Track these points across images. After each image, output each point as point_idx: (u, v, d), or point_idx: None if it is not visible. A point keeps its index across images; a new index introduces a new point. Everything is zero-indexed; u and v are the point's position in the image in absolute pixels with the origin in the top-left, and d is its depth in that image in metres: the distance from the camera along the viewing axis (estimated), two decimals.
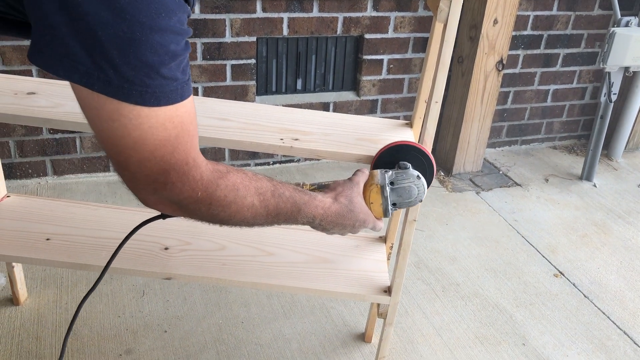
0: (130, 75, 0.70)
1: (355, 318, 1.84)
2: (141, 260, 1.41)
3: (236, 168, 0.90)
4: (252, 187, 0.91)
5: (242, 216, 0.91)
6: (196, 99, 1.44)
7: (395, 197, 1.12)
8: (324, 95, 2.68)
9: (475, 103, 2.67)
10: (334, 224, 1.06)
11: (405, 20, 2.60)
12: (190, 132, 0.79)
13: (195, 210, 0.85)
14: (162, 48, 0.71)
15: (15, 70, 2.19)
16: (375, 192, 1.10)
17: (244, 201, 0.89)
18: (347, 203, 1.06)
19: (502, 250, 2.25)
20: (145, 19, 0.69)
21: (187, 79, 0.77)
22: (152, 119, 0.73)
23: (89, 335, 1.68)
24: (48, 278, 1.88)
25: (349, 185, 1.09)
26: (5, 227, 1.49)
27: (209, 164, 0.84)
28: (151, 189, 0.80)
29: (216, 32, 2.36)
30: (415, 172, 1.14)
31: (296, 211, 0.99)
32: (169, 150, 0.76)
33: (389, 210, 1.12)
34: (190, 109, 0.79)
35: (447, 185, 2.70)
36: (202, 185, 0.82)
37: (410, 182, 1.12)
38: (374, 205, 1.10)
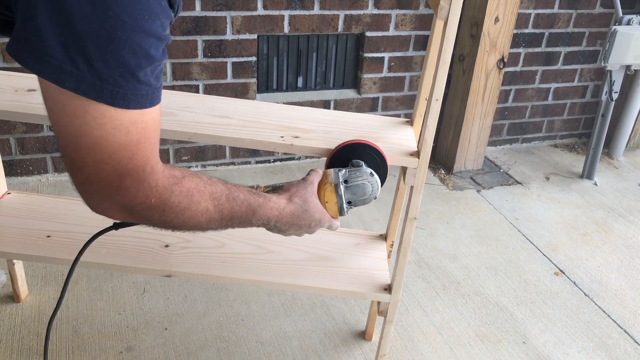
0: (105, 73, 0.69)
1: (356, 316, 1.84)
2: (142, 258, 1.41)
3: (192, 172, 0.89)
4: (207, 192, 0.89)
5: (196, 222, 0.90)
6: (196, 96, 1.44)
7: (349, 195, 1.13)
8: (324, 93, 2.68)
9: (476, 101, 2.67)
10: (290, 225, 1.05)
11: (406, 18, 2.60)
12: (152, 139, 0.78)
13: (148, 216, 0.84)
14: (141, 51, 0.70)
15: (16, 67, 2.19)
16: (329, 191, 1.10)
17: (198, 207, 0.88)
18: (301, 203, 1.05)
19: (503, 249, 2.25)
20: (129, 19, 0.68)
21: (159, 85, 0.76)
22: (116, 121, 0.72)
23: (90, 332, 1.68)
24: (49, 275, 1.88)
25: (303, 185, 1.09)
26: (6, 224, 1.49)
27: (165, 169, 0.83)
28: (105, 194, 0.77)
29: (217, 30, 2.36)
30: (368, 169, 1.14)
31: (251, 214, 0.98)
32: (127, 155, 0.75)
33: (344, 209, 1.11)
34: (156, 116, 0.77)
35: (447, 184, 2.70)
36: (157, 192, 0.81)
37: (363, 180, 1.13)
38: (329, 204, 1.10)
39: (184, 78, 2.42)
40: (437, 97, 1.22)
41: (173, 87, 2.41)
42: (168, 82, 2.40)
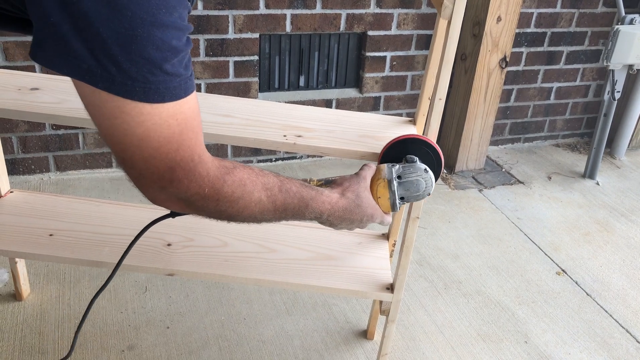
0: (133, 71, 0.69)
1: (358, 315, 1.84)
2: (144, 257, 1.41)
3: (242, 164, 0.90)
4: (259, 183, 0.91)
5: (250, 211, 0.91)
6: (199, 95, 1.44)
7: (402, 191, 1.12)
8: (326, 92, 2.68)
9: (478, 100, 2.67)
10: (342, 219, 1.05)
11: (408, 17, 2.60)
12: (195, 128, 0.79)
13: (203, 206, 0.85)
14: (164, 44, 0.71)
15: (19, 66, 2.19)
16: (382, 186, 1.09)
17: (251, 196, 0.89)
18: (354, 198, 1.06)
19: (505, 248, 2.25)
20: (146, 15, 0.68)
21: (189, 74, 0.76)
22: (155, 116, 0.73)
23: (92, 331, 1.68)
24: (51, 274, 1.89)
25: (356, 180, 1.09)
26: (9, 222, 1.49)
27: (215, 160, 0.84)
28: (158, 187, 0.79)
29: (219, 29, 2.36)
30: (422, 165, 1.13)
31: (304, 207, 0.99)
32: (173, 147, 0.76)
33: (397, 205, 1.11)
34: (194, 105, 0.78)
35: (449, 183, 2.70)
36: (209, 182, 0.82)
37: (417, 176, 1.12)
38: (382, 199, 1.10)
39: None
40: (440, 97, 1.22)
41: None
42: None
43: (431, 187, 1.14)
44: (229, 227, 1.57)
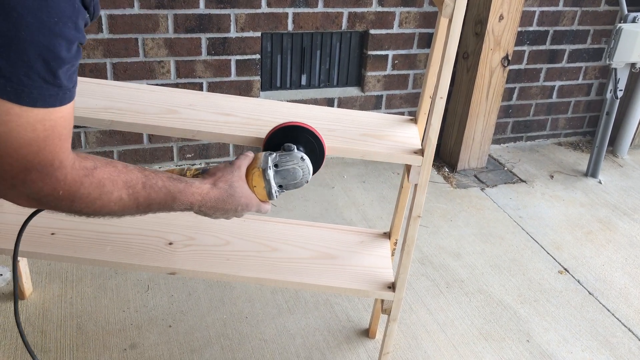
0: (7, 71, 0.69)
1: (359, 314, 1.84)
2: (146, 256, 1.42)
3: (107, 161, 0.89)
4: (121, 181, 0.90)
5: (109, 210, 0.91)
6: (201, 94, 1.44)
7: (280, 179, 1.12)
8: (328, 91, 2.68)
9: (480, 99, 2.66)
10: (215, 209, 1.05)
11: (410, 15, 2.59)
12: (63, 135, 0.78)
13: (57, 206, 0.85)
14: (48, 52, 0.71)
15: None
16: (257, 175, 1.09)
17: (110, 196, 0.89)
18: (227, 188, 1.05)
19: (507, 247, 2.25)
20: (34, 20, 0.69)
21: (72, 86, 0.76)
22: (22, 118, 0.72)
23: (94, 329, 1.69)
24: (53, 272, 1.89)
25: (229, 169, 1.08)
26: (10, 221, 1.49)
27: (76, 161, 0.83)
28: (9, 184, 0.78)
29: (221, 27, 2.36)
30: (299, 153, 1.13)
31: (171, 200, 0.98)
32: (33, 150, 0.75)
33: (273, 193, 1.11)
34: (67, 114, 0.78)
35: (451, 182, 2.70)
36: (65, 185, 0.81)
37: (294, 164, 1.12)
38: (257, 188, 1.10)
39: (187, 76, 2.42)
40: (442, 95, 1.22)
41: (177, 85, 2.41)
42: (172, 80, 2.40)
43: (309, 175, 1.14)
44: (231, 226, 1.57)
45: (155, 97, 1.39)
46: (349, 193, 2.51)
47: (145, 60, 2.33)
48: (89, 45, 2.23)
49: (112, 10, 2.20)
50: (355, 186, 2.57)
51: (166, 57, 2.35)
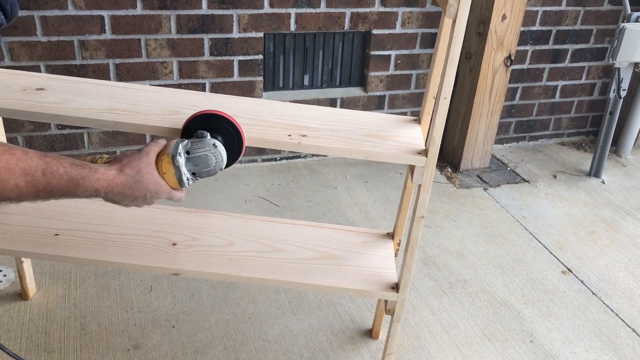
0: None
1: (363, 314, 1.84)
2: (149, 256, 1.42)
3: (4, 148, 0.89)
4: (18, 169, 0.90)
5: (6, 197, 0.91)
6: (204, 94, 1.44)
7: (192, 166, 1.11)
8: (331, 91, 2.67)
9: (483, 99, 2.66)
10: (123, 196, 1.04)
11: (413, 15, 2.59)
12: None
13: None
14: None
15: (24, 65, 2.20)
16: (167, 162, 1.07)
17: (5, 185, 0.89)
18: (133, 174, 1.03)
19: (510, 247, 2.25)
20: None
21: None
22: None
23: (97, 330, 1.69)
24: (56, 273, 1.89)
25: (137, 156, 1.06)
26: (15, 222, 1.49)
27: None
28: None
29: (223, 28, 2.36)
30: (212, 140, 1.12)
31: (74, 186, 0.97)
32: None
33: (184, 181, 1.09)
34: None
35: (454, 182, 2.69)
36: None
37: (206, 151, 1.11)
38: (167, 175, 1.07)
39: (190, 76, 2.42)
40: (445, 96, 1.22)
41: (179, 85, 2.41)
42: (174, 80, 2.40)
43: (222, 162, 1.13)
44: (234, 227, 1.57)
45: (158, 98, 1.39)
46: (351, 193, 2.51)
47: (148, 61, 2.33)
48: (91, 46, 2.24)
49: (114, 11, 2.20)
50: (358, 186, 2.57)
51: (169, 58, 2.35)
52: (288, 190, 2.51)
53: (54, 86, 1.39)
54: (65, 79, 1.44)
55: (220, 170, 1.14)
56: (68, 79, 1.44)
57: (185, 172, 1.09)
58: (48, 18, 2.15)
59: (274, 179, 2.58)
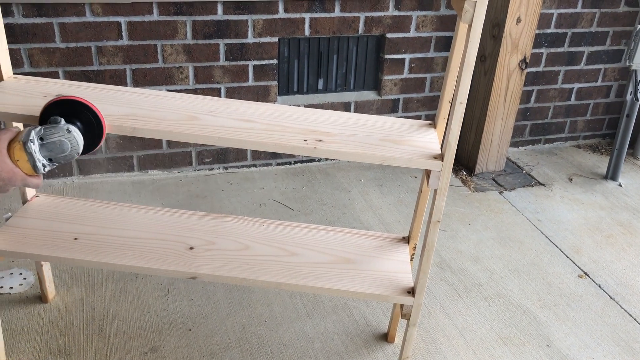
0: None
1: (378, 318, 1.84)
2: (167, 260, 1.43)
3: None
4: None
5: None
6: (220, 100, 1.46)
7: (46, 152, 1.11)
8: (345, 95, 2.68)
9: (498, 102, 2.65)
10: None
11: (427, 19, 2.59)
12: None
13: None
14: None
15: (43, 72, 2.23)
16: (18, 149, 1.08)
17: None
18: None
19: (526, 251, 2.24)
20: None
21: None
22: None
23: (115, 332, 1.71)
24: (75, 276, 1.92)
25: None
26: (35, 226, 1.52)
27: None
28: None
29: (239, 33, 2.38)
30: (66, 126, 1.13)
31: None
32: None
33: (39, 167, 1.10)
34: None
35: (469, 185, 2.69)
36: None
37: (60, 137, 1.11)
38: (20, 162, 1.08)
39: (205, 81, 2.44)
40: (461, 100, 1.22)
41: (195, 90, 2.43)
42: (190, 85, 2.43)
43: (78, 147, 1.14)
44: (250, 231, 1.58)
45: (176, 103, 1.41)
46: (366, 197, 2.52)
47: (164, 66, 2.36)
48: (109, 52, 2.26)
49: (131, 17, 2.23)
50: (373, 190, 2.57)
51: (185, 63, 2.37)
52: (302, 193, 2.52)
53: (74, 92, 1.41)
54: (85, 86, 1.46)
55: (78, 154, 1.15)
56: (88, 86, 1.46)
57: (40, 159, 1.10)
58: (66, 25, 2.18)
59: (289, 183, 2.59)
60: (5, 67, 1.44)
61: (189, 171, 2.61)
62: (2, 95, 1.36)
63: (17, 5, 2.10)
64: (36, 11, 2.13)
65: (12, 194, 2.31)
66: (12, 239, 1.46)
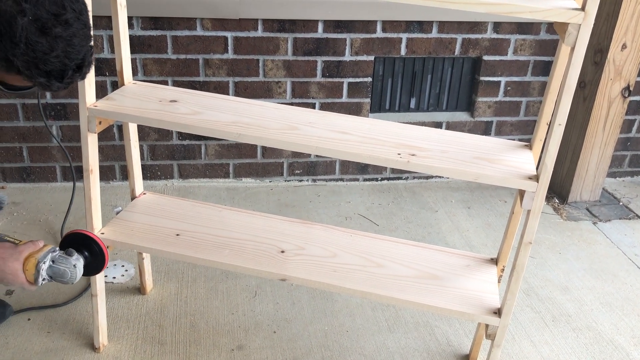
0: None
1: (460, 339, 1.83)
2: (260, 261, 1.50)
3: None
4: None
5: None
6: (319, 113, 1.53)
7: (50, 272, 1.32)
8: (437, 115, 2.69)
9: (597, 130, 2.57)
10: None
11: (525, 43, 2.56)
12: None
13: None
14: None
15: (154, 80, 2.41)
16: (32, 263, 1.28)
17: None
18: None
19: (620, 285, 2.14)
20: None
21: None
22: None
23: (205, 328, 1.80)
24: (171, 272, 2.04)
25: (10, 250, 1.28)
26: (142, 220, 1.64)
27: None
28: None
29: (336, 51, 2.46)
30: (74, 261, 1.35)
31: None
32: None
33: (39, 281, 1.30)
34: None
35: (561, 214, 2.61)
36: None
37: (66, 267, 1.33)
38: (28, 272, 1.28)
39: (302, 96, 2.53)
40: (560, 122, 1.22)
41: (291, 104, 2.53)
42: (287, 99, 2.53)
43: (74, 280, 1.35)
44: (337, 240, 1.63)
45: (277, 114, 1.49)
46: (452, 218, 2.50)
47: (264, 80, 2.47)
48: (214, 64, 2.41)
49: (237, 32, 2.36)
50: (460, 211, 2.55)
51: (283, 78, 2.48)
52: (388, 210, 2.54)
53: (186, 99, 1.53)
54: (196, 93, 1.58)
55: (72, 283, 1.37)
56: (198, 93, 1.58)
57: (44, 276, 1.31)
58: (178, 37, 2.35)
59: (375, 199, 2.63)
60: (127, 74, 1.59)
61: (280, 181, 2.70)
62: (123, 99, 1.49)
63: (137, 18, 2.29)
64: (153, 24, 2.31)
65: (119, 193, 2.49)
66: (121, 231, 1.59)
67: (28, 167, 2.51)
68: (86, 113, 1.41)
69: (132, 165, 1.72)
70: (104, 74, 2.37)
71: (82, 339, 1.73)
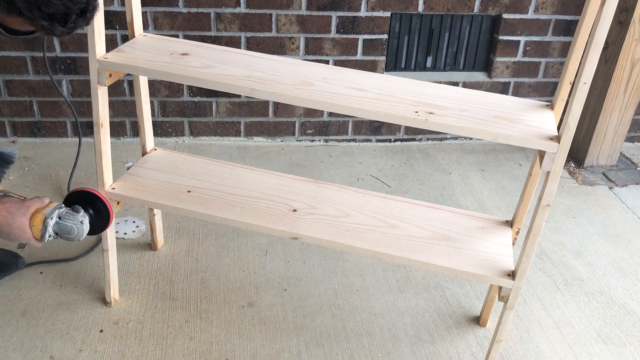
0: None
1: (471, 301, 1.82)
2: (272, 219, 1.49)
3: None
4: None
5: None
6: (334, 68, 1.48)
7: (57, 229, 1.32)
8: (453, 75, 2.63)
9: (617, 92, 2.50)
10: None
11: (547, 1, 2.48)
12: None
13: None
14: None
15: (165, 34, 2.36)
16: (39, 219, 1.29)
17: None
18: (6, 216, 1.26)
19: (634, 250, 2.11)
20: None
21: None
22: None
23: (216, 285, 1.80)
24: (182, 229, 2.04)
25: (17, 205, 1.28)
26: (153, 177, 1.62)
27: None
28: None
29: (352, 6, 2.39)
30: (81, 217, 1.35)
31: None
32: None
33: (46, 237, 1.30)
34: None
35: (577, 178, 2.57)
36: None
37: (73, 224, 1.33)
38: (35, 228, 1.29)
39: (315, 52, 2.48)
40: (585, 81, 1.17)
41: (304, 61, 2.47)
42: (300, 56, 2.47)
43: (80, 236, 1.36)
44: (350, 200, 1.61)
45: (291, 69, 1.45)
46: (466, 180, 2.47)
47: (277, 36, 2.42)
48: (226, 19, 2.35)
49: None
50: (473, 174, 2.52)
51: (297, 34, 2.42)
52: (401, 172, 2.51)
53: (197, 52, 1.49)
54: (208, 47, 1.53)
55: (78, 241, 1.40)
56: (210, 47, 1.53)
57: (50, 232, 1.31)
58: None
59: (387, 160, 2.60)
60: (137, 26, 1.54)
61: (292, 141, 2.67)
62: (134, 51, 1.45)
63: None
64: None
65: (130, 149, 2.48)
66: (132, 186, 1.58)
67: (39, 122, 2.49)
68: (96, 65, 1.38)
69: (142, 121, 1.70)
70: (114, 27, 2.32)
71: (93, 293, 1.74)
